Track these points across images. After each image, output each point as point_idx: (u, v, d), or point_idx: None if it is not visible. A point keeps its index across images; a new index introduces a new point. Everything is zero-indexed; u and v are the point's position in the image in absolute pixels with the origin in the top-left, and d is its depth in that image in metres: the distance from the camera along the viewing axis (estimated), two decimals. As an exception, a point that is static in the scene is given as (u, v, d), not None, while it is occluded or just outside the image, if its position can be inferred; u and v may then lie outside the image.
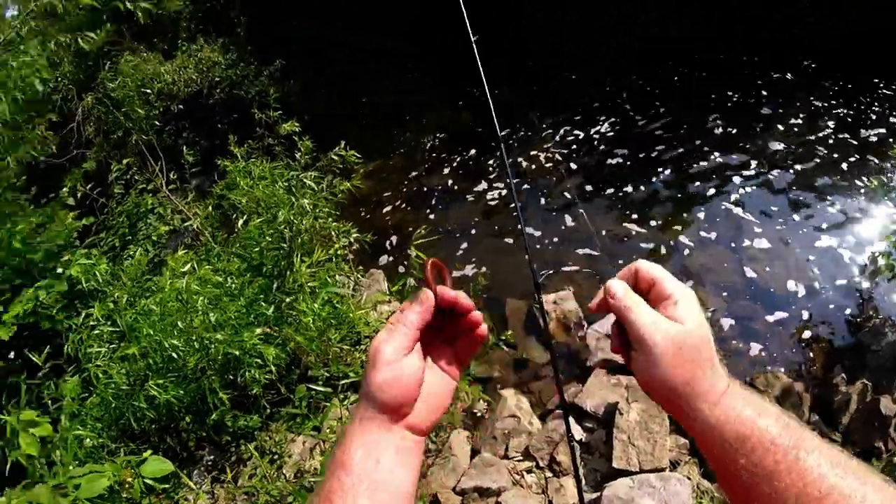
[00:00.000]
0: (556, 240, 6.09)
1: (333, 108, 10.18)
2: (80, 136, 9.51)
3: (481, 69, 2.54)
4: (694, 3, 9.31)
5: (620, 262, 5.57)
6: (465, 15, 2.62)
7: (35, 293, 3.99)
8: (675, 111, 8.11)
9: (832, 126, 7.03)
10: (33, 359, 3.47)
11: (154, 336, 3.45)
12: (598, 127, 8.12)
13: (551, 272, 5.50)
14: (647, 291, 0.72)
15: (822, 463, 0.57)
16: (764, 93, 8.00)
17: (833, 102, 7.52)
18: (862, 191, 5.93)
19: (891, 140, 6.42)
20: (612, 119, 8.26)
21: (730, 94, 8.17)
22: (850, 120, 7.12)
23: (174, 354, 3.37)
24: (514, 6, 9.98)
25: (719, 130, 7.37)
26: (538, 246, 6.01)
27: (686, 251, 5.58)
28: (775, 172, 6.41)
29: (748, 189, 6.24)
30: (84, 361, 3.54)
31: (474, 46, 2.64)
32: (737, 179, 6.40)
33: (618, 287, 0.72)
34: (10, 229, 4.43)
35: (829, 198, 5.95)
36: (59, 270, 4.25)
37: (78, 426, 3.17)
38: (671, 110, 8.15)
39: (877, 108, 7.27)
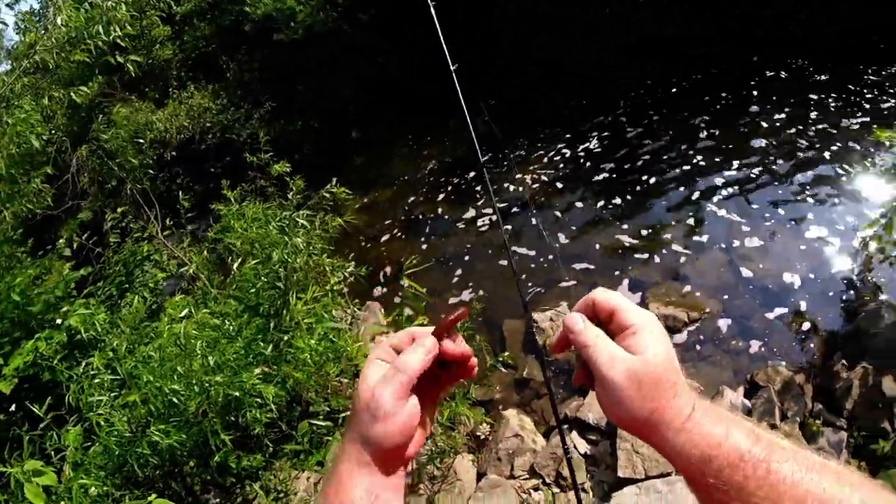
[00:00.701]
0: (550, 257, 6.13)
1: (321, 145, 10.31)
2: (76, 187, 9.62)
3: (463, 102, 2.60)
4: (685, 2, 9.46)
5: (616, 272, 5.63)
6: (444, 47, 2.70)
7: (35, 345, 3.96)
8: (658, 116, 8.25)
9: (813, 117, 7.14)
10: (34, 410, 3.45)
11: (154, 382, 3.45)
12: (582, 140, 8.29)
13: (539, 290, 5.55)
14: (608, 321, 0.70)
15: (795, 470, 0.57)
16: (751, 91, 8.14)
17: (814, 95, 7.62)
18: (845, 178, 6.03)
19: (874, 126, 6.42)
20: (597, 131, 8.40)
21: (713, 94, 8.31)
22: (832, 109, 7.24)
23: (175, 399, 3.37)
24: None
25: (703, 134, 7.47)
26: (532, 265, 6.06)
27: (682, 258, 5.65)
28: (758, 170, 6.51)
29: (734, 189, 6.33)
30: (85, 410, 3.52)
31: (455, 77, 2.71)
32: (720, 181, 6.50)
33: (576, 321, 0.71)
34: (8, 282, 4.45)
35: (814, 188, 6.04)
36: (59, 321, 4.23)
37: (82, 475, 3.13)
38: (654, 115, 8.29)
39: (858, 96, 7.37)
